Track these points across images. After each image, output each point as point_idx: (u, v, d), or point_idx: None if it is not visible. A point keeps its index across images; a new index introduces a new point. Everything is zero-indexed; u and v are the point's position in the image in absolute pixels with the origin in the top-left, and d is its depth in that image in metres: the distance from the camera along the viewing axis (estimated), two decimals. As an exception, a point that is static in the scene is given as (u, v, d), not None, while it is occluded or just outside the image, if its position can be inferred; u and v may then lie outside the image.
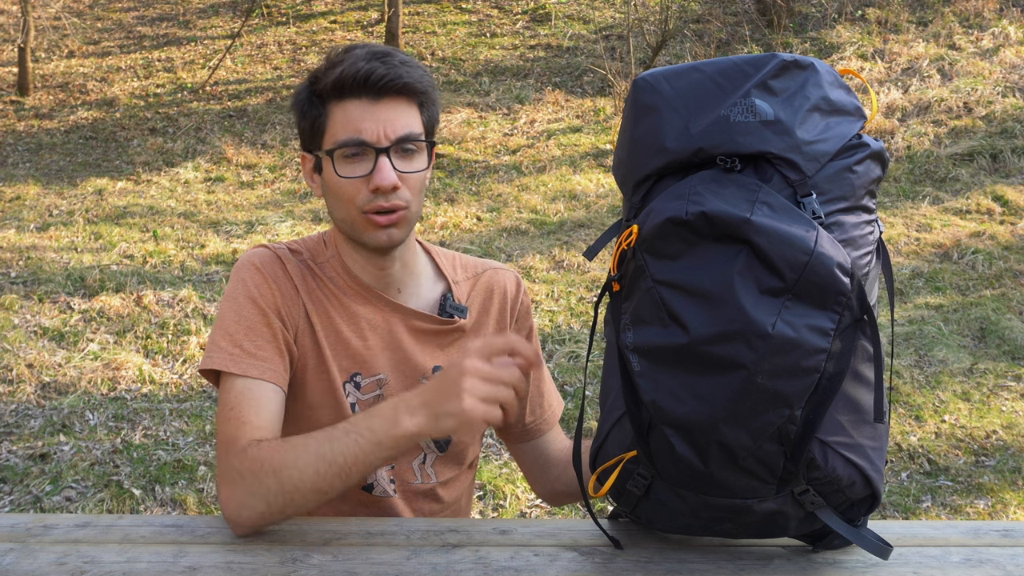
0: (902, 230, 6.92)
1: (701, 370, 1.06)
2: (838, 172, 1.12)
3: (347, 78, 1.33)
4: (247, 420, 1.29)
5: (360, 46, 1.38)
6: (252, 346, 1.35)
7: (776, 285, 1.04)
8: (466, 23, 12.51)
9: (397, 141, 1.34)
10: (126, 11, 13.72)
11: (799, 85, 1.13)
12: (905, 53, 9.97)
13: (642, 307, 1.11)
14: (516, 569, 1.18)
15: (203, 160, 9.29)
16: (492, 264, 1.58)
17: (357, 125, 1.33)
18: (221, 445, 1.29)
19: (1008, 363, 4.96)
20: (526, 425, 1.60)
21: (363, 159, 1.34)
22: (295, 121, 1.43)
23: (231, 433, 1.28)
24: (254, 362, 1.34)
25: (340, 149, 1.34)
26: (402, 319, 1.45)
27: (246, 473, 1.23)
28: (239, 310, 1.38)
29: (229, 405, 1.32)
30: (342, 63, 1.34)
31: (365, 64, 1.33)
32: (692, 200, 1.08)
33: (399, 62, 1.35)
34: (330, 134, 1.36)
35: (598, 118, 9.78)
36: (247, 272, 1.40)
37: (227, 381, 1.34)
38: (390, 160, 1.33)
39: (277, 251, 1.43)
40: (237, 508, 1.23)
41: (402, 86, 1.34)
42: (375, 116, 1.33)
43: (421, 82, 1.36)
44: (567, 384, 4.76)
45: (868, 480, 1.10)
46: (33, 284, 5.96)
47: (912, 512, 3.67)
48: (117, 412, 4.46)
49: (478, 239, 7.09)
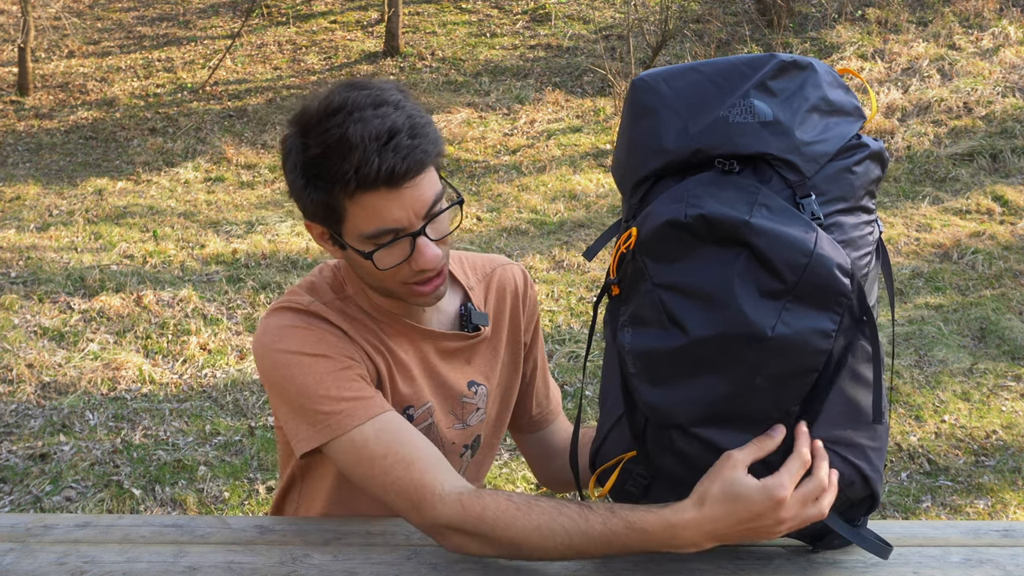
0: (902, 230, 6.92)
1: (700, 372, 1.06)
2: (837, 173, 1.11)
3: (364, 179, 1.17)
4: (411, 458, 1.19)
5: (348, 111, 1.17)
6: (353, 392, 1.24)
7: (776, 287, 1.04)
8: (466, 23, 12.51)
9: (428, 217, 1.23)
10: (126, 11, 13.71)
11: (798, 86, 1.12)
12: (905, 53, 9.97)
13: (642, 309, 1.10)
14: (516, 569, 1.18)
15: (203, 160, 9.29)
16: (498, 261, 1.56)
17: (384, 216, 1.20)
18: (405, 497, 1.18)
19: (1008, 363, 4.95)
20: (533, 416, 1.61)
21: (398, 243, 1.23)
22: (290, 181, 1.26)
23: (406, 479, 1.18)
24: (368, 402, 1.24)
25: (371, 239, 1.23)
26: (433, 344, 1.40)
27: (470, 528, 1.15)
28: (312, 371, 1.24)
29: (378, 456, 1.20)
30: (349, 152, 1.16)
31: (377, 157, 1.16)
32: (691, 203, 1.08)
33: (410, 134, 1.19)
34: (351, 225, 1.23)
35: (598, 118, 9.78)
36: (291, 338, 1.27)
37: (351, 440, 1.22)
38: (427, 236, 1.24)
39: (307, 307, 1.31)
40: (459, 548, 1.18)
41: (424, 165, 1.21)
42: (400, 203, 1.20)
43: (433, 147, 1.23)
44: (567, 384, 4.76)
45: (867, 480, 1.10)
46: (33, 284, 5.96)
47: (912, 512, 3.67)
48: (117, 412, 4.46)
49: (478, 239, 7.09)
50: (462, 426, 1.44)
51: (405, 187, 1.20)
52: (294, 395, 1.25)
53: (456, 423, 1.43)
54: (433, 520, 1.17)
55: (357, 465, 1.22)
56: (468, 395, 1.44)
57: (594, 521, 1.11)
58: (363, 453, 1.21)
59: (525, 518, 1.13)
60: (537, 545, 1.13)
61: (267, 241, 6.94)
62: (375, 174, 1.17)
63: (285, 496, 1.49)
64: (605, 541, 1.11)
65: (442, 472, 1.20)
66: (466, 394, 1.44)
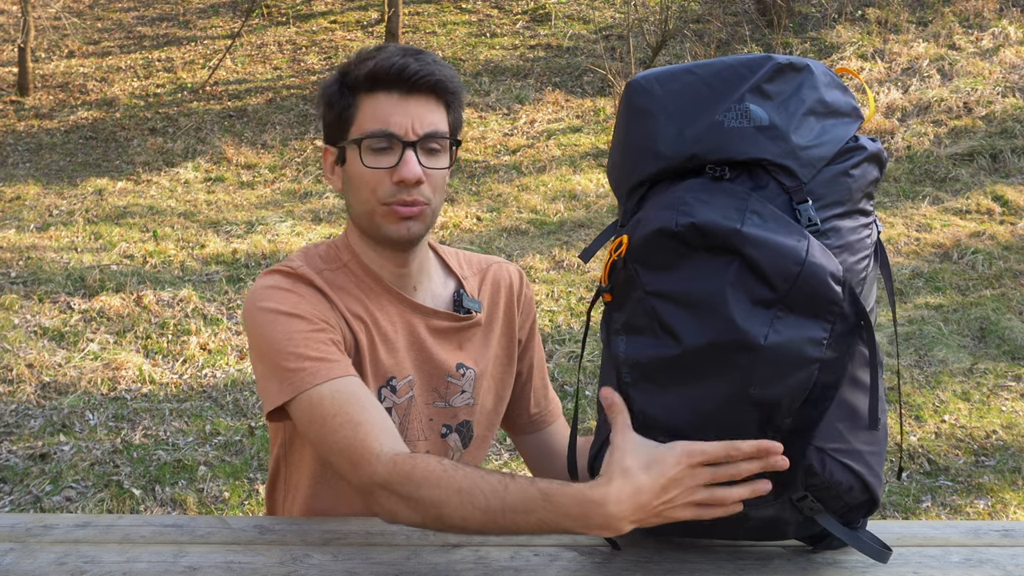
0: (902, 230, 6.92)
1: (693, 380, 1.06)
2: (834, 177, 1.11)
3: (381, 71, 1.34)
4: (359, 420, 1.23)
5: (393, 44, 1.40)
6: (320, 353, 1.28)
7: (768, 296, 1.04)
8: (466, 23, 12.51)
9: (425, 137, 1.35)
10: (126, 11, 13.71)
11: (794, 88, 1.12)
12: (905, 53, 9.97)
13: (635, 317, 1.10)
14: (516, 569, 1.18)
15: (203, 160, 9.29)
16: (495, 259, 1.60)
17: (387, 118, 1.34)
18: (347, 455, 1.21)
19: (1008, 363, 4.96)
20: (531, 416, 1.62)
21: (389, 152, 1.35)
22: (320, 114, 1.43)
23: (352, 439, 1.21)
24: (331, 364, 1.28)
25: (368, 140, 1.35)
26: (422, 319, 1.45)
27: (399, 488, 1.16)
28: (286, 329, 1.30)
29: (331, 414, 1.23)
30: (375, 57, 1.35)
31: (400, 59, 1.34)
32: (681, 211, 1.07)
33: (431, 60, 1.37)
34: (357, 125, 1.37)
35: (598, 118, 9.78)
36: (273, 297, 1.33)
37: (309, 398, 1.25)
38: (416, 154, 1.34)
39: (296, 269, 1.38)
40: (391, 513, 1.19)
41: (434, 83, 1.36)
42: (405, 110, 1.34)
43: (452, 81, 1.38)
44: (567, 384, 4.76)
45: (866, 485, 1.10)
46: (33, 284, 5.96)
47: (912, 512, 3.67)
48: (117, 412, 4.46)
49: (478, 239, 7.09)
50: (444, 404, 1.46)
51: (413, 97, 1.34)
52: (265, 351, 1.31)
53: (438, 400, 1.46)
54: (368, 478, 1.19)
55: (311, 423, 1.26)
56: (455, 376, 1.46)
57: (513, 489, 1.11)
58: (316, 412, 1.25)
59: (449, 479, 1.14)
60: (457, 509, 1.13)
61: (267, 241, 6.94)
62: (395, 68, 1.33)
63: (274, 486, 1.51)
64: (522, 510, 1.09)
65: (387, 436, 1.22)
66: (452, 374, 1.46)
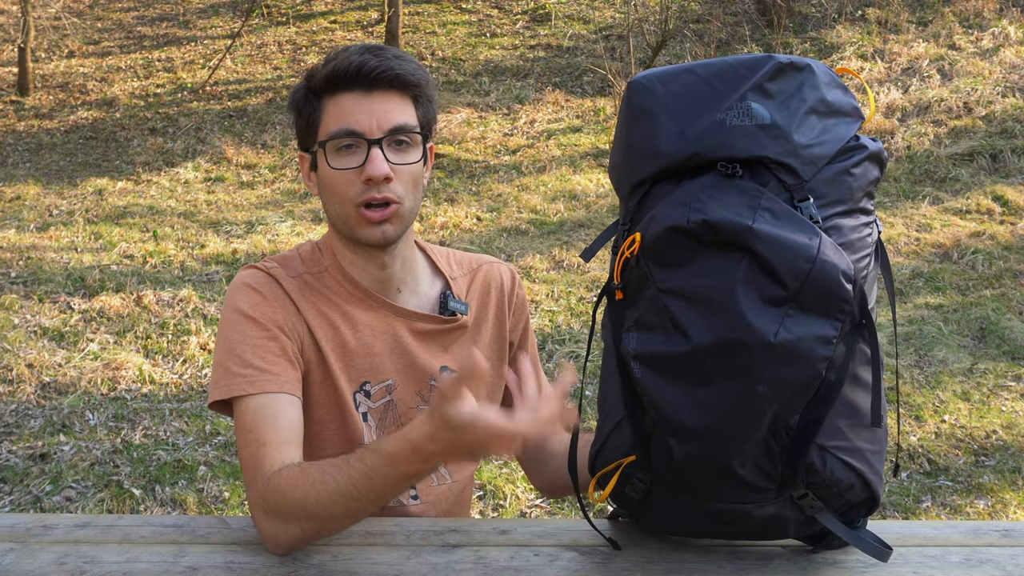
0: (902, 230, 6.92)
1: (702, 378, 1.06)
2: (835, 175, 1.11)
3: (340, 71, 1.33)
4: (266, 440, 1.26)
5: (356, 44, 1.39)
6: (263, 362, 1.32)
7: (779, 294, 1.03)
8: (466, 23, 12.51)
9: (390, 132, 1.34)
10: (126, 11, 13.71)
11: (795, 87, 1.12)
12: (905, 53, 9.97)
13: (647, 315, 1.10)
14: (516, 569, 1.18)
15: (203, 160, 9.29)
16: (487, 259, 1.59)
17: (349, 117, 1.33)
18: (247, 472, 1.26)
19: (1008, 363, 4.95)
20: None
21: (356, 151, 1.34)
22: (293, 121, 1.44)
23: (253, 457, 1.25)
24: (269, 377, 1.31)
25: (332, 140, 1.34)
26: (405, 322, 1.44)
27: (272, 504, 1.20)
28: (241, 331, 1.34)
29: (247, 428, 1.28)
30: (336, 59, 1.35)
31: (358, 57, 1.33)
32: (693, 208, 1.07)
33: (392, 55, 1.36)
34: (324, 127, 1.36)
35: (598, 118, 9.78)
36: (241, 294, 1.37)
37: (241, 404, 1.30)
38: (383, 151, 1.33)
39: (269, 270, 1.40)
40: (273, 536, 1.21)
41: (394, 78, 1.34)
42: (368, 108, 1.33)
43: (414, 75, 1.36)
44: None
45: (867, 483, 1.10)
46: (33, 284, 5.96)
47: (912, 512, 3.67)
48: (117, 412, 4.46)
49: (478, 239, 7.09)
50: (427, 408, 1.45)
51: (376, 94, 1.34)
52: (220, 346, 1.36)
53: (422, 404, 1.45)
54: (254, 499, 1.22)
55: (237, 430, 1.30)
56: (439, 379, 1.45)
57: (353, 462, 1.16)
58: (239, 421, 1.29)
59: (303, 476, 1.18)
60: (318, 500, 1.16)
61: (267, 241, 6.94)
62: (352, 67, 1.32)
63: None
64: (367, 478, 1.14)
65: (286, 457, 1.25)
66: (436, 377, 1.45)
